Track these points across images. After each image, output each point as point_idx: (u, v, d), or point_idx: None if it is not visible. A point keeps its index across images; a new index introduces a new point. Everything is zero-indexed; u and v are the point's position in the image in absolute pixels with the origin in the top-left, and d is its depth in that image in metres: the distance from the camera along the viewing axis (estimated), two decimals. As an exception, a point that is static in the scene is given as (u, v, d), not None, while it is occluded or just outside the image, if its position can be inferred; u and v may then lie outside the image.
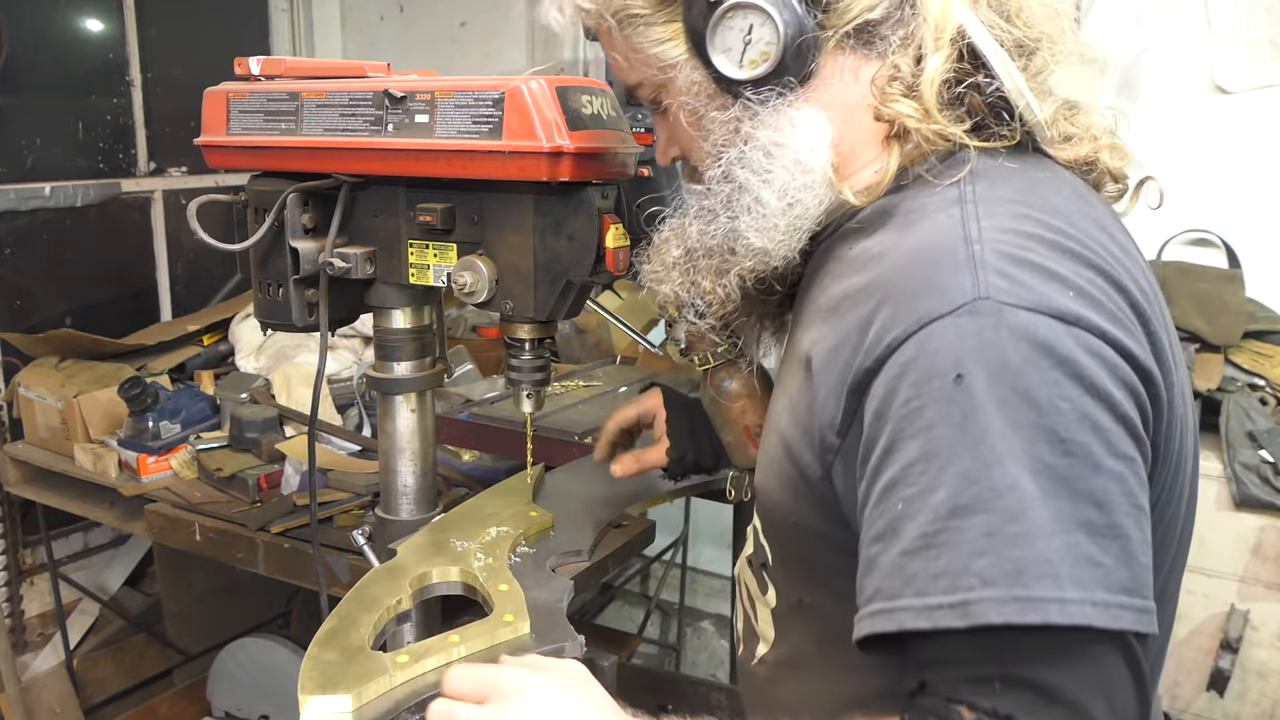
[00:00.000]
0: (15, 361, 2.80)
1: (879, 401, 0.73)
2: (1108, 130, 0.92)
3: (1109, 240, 0.80)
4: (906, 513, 0.70)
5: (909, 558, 0.70)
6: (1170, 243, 2.72)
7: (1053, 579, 0.66)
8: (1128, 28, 2.73)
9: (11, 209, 2.91)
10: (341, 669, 1.01)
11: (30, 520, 2.89)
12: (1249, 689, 2.17)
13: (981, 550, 0.67)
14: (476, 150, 1.13)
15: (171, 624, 2.97)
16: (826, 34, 0.86)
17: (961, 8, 0.83)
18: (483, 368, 2.66)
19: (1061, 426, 0.68)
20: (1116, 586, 0.67)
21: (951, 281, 0.72)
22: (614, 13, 0.91)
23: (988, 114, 0.84)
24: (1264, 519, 2.12)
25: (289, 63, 1.30)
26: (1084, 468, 0.68)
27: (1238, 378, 2.38)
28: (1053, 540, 0.66)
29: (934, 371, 0.70)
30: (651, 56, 0.92)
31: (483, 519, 1.37)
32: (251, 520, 1.98)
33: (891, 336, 0.73)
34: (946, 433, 0.69)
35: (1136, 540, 0.69)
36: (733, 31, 0.86)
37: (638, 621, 3.50)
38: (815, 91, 0.87)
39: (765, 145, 0.87)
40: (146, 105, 3.29)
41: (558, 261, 1.18)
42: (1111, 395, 0.70)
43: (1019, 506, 0.67)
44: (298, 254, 1.26)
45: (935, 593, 0.68)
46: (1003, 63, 0.83)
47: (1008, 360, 0.69)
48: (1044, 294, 0.71)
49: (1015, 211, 0.78)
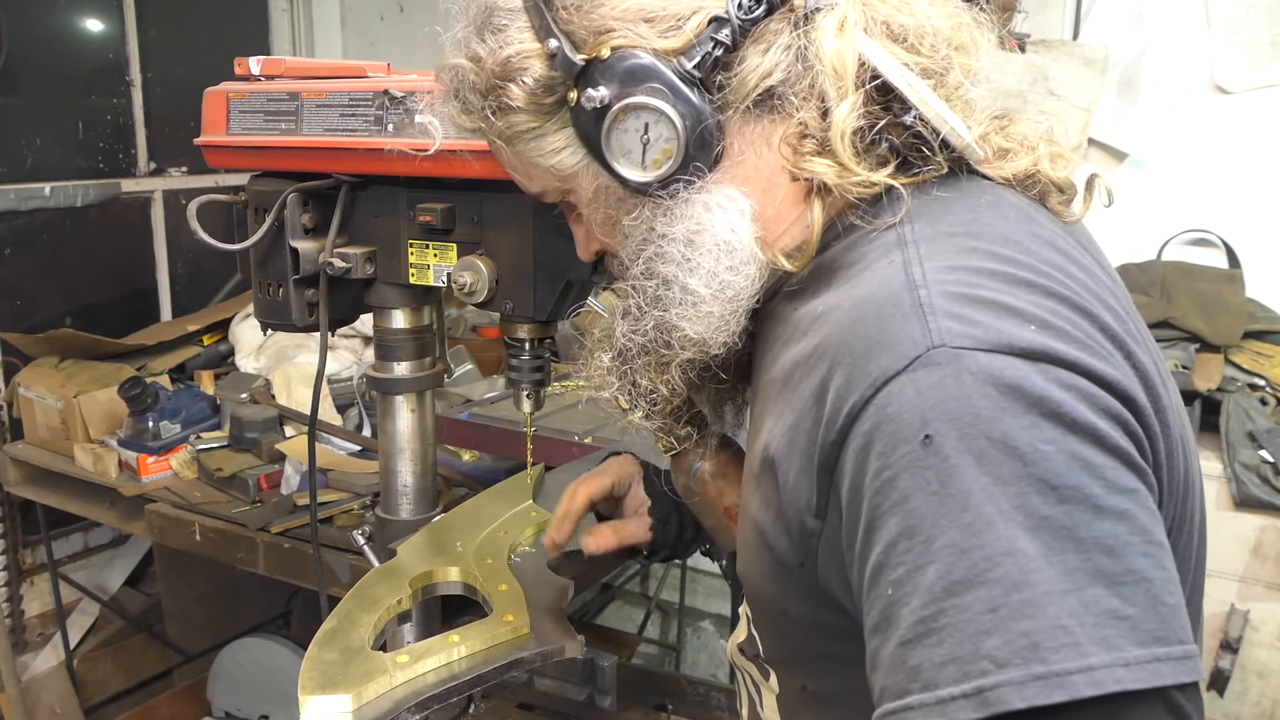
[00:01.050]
0: (15, 361, 2.81)
1: (851, 477, 0.67)
2: (1045, 138, 0.84)
3: (1065, 260, 0.74)
4: (898, 598, 0.63)
5: (909, 648, 0.63)
6: (1170, 243, 2.72)
7: (1073, 647, 0.58)
8: (1128, 28, 2.73)
9: (11, 209, 2.92)
10: (341, 669, 1.01)
11: (30, 520, 2.89)
12: (1249, 689, 2.17)
13: (988, 629, 0.60)
14: (476, 150, 1.13)
15: (171, 624, 2.97)
16: (728, 113, 0.80)
17: (862, 42, 0.77)
18: (483, 368, 2.66)
19: (1050, 473, 0.61)
20: (1148, 638, 0.59)
21: (901, 334, 0.66)
22: (498, 133, 0.87)
23: (911, 148, 0.78)
24: (1264, 519, 2.12)
25: (289, 63, 1.30)
26: (1084, 513, 0.61)
27: (1238, 378, 2.38)
28: (1066, 601, 0.59)
29: (900, 436, 0.64)
30: (549, 169, 0.87)
31: (483, 519, 1.37)
32: (251, 520, 1.98)
33: (849, 405, 0.67)
34: (925, 502, 0.63)
35: (1159, 580, 0.61)
36: (628, 134, 0.81)
37: (638, 621, 3.50)
38: (728, 170, 0.82)
39: (684, 236, 0.81)
40: (146, 105, 3.29)
41: (558, 261, 1.18)
42: (1096, 428, 0.63)
43: (1020, 572, 0.60)
44: (298, 254, 1.26)
45: (945, 683, 0.60)
46: (915, 90, 0.76)
47: (977, 410, 0.62)
48: (1002, 331, 0.65)
49: (960, 246, 0.72)
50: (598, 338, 0.93)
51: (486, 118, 0.85)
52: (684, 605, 3.51)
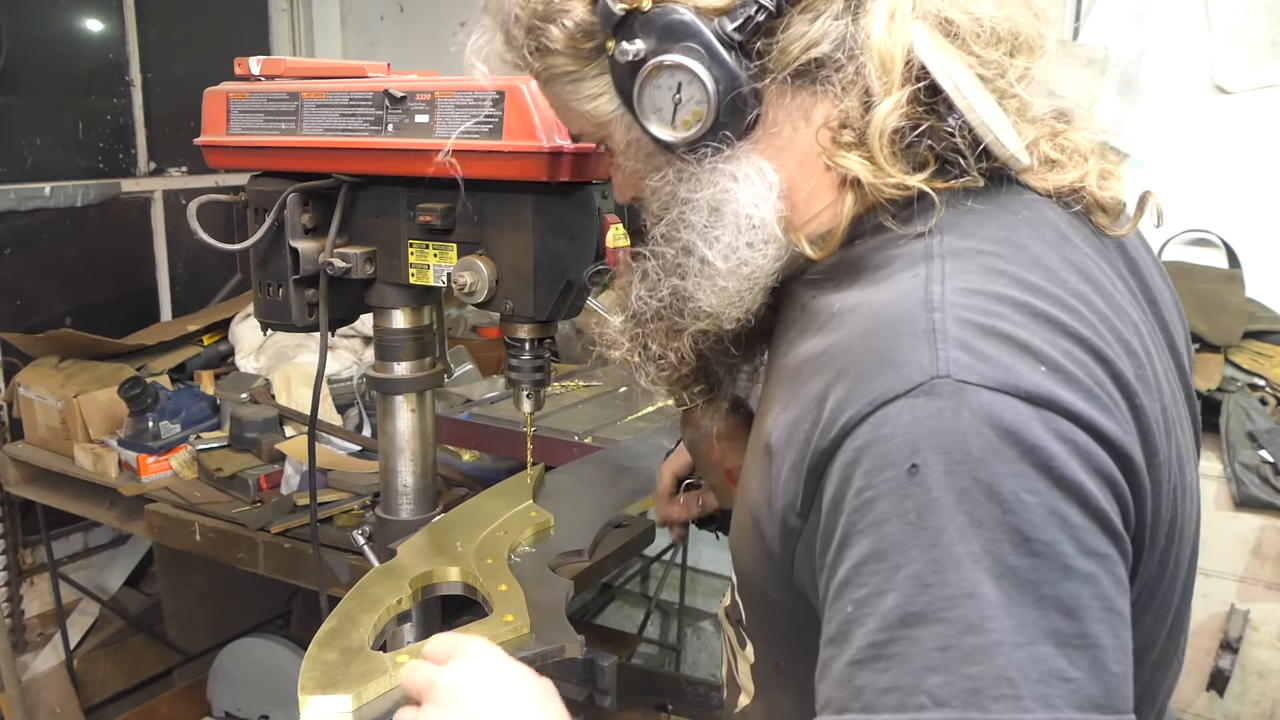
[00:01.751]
0: (15, 361, 2.81)
1: (834, 488, 0.67)
2: (1098, 151, 0.81)
3: (1093, 292, 0.72)
4: (856, 617, 0.64)
5: (856, 668, 0.64)
6: (1170, 243, 2.72)
7: (1014, 699, 0.59)
8: (1128, 28, 2.73)
9: (11, 209, 2.92)
10: (342, 669, 1.01)
11: (30, 520, 2.89)
12: (1249, 689, 2.17)
13: (934, 666, 0.61)
14: (476, 150, 1.13)
15: (171, 624, 2.97)
16: (766, 82, 0.78)
17: (916, 32, 0.74)
18: (483, 368, 2.66)
19: (1027, 525, 0.61)
20: (1088, 703, 0.60)
21: (909, 356, 0.65)
22: (538, 72, 0.86)
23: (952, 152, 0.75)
24: (1264, 519, 2.12)
25: (289, 63, 1.30)
26: (1051, 570, 0.61)
27: (1238, 378, 2.38)
28: (1015, 655, 0.60)
29: (887, 460, 0.64)
30: (585, 113, 0.86)
31: (483, 519, 1.37)
32: (251, 520, 1.98)
33: (846, 417, 0.67)
34: (899, 529, 0.63)
35: (1110, 649, 0.62)
36: (661, 91, 0.79)
37: (638, 621, 3.50)
38: (761, 141, 0.80)
39: (707, 203, 0.80)
40: (146, 105, 3.29)
41: (558, 261, 1.18)
42: (1083, 487, 0.63)
43: (977, 616, 0.60)
44: (298, 254, 1.26)
45: (883, 709, 0.62)
46: (964, 96, 0.73)
47: (968, 449, 0.62)
48: (1011, 370, 0.64)
49: (988, 267, 0.70)
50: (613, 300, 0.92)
51: (525, 56, 0.84)
52: (684, 605, 3.51)
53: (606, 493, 1.56)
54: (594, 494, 1.55)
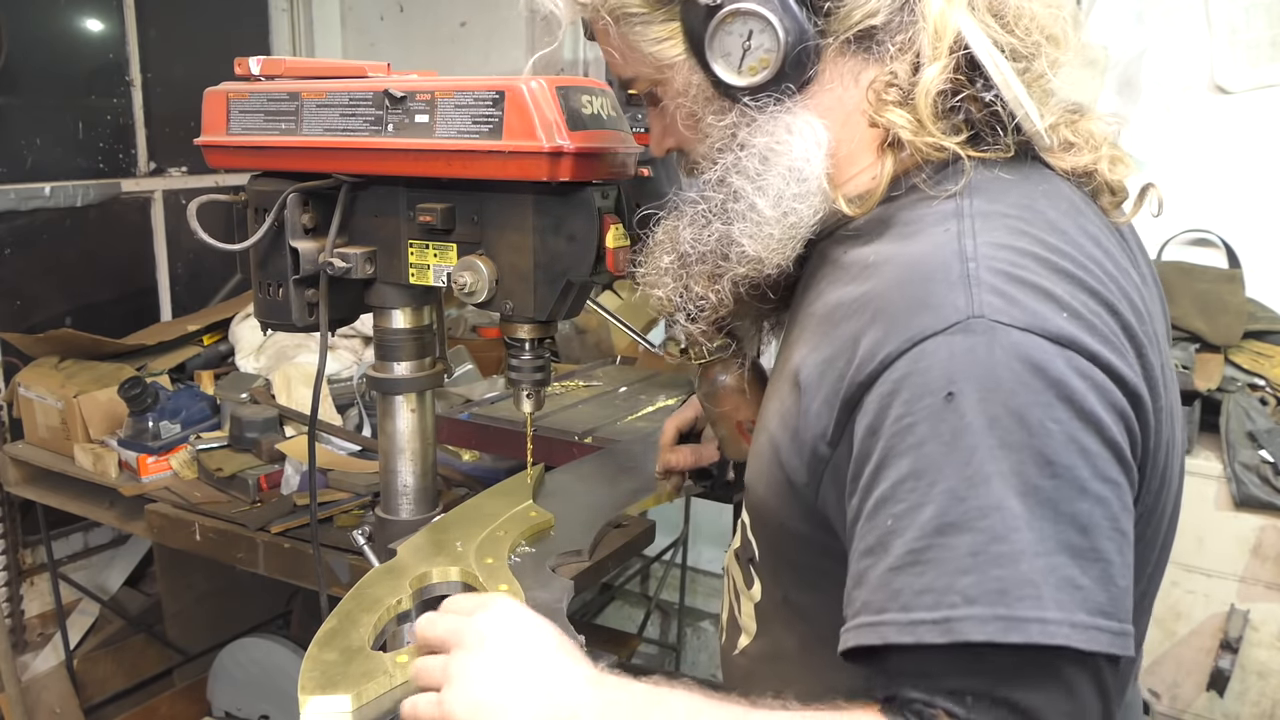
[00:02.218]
0: (15, 361, 2.80)
1: (871, 417, 0.73)
2: (1109, 140, 0.89)
3: (1104, 257, 0.80)
4: (895, 529, 0.71)
5: (896, 573, 0.71)
6: (1170, 243, 2.72)
7: (1035, 599, 0.67)
8: (1128, 28, 2.73)
9: (11, 209, 2.91)
10: (342, 669, 1.01)
11: (30, 520, 2.89)
12: (1249, 689, 2.17)
13: (966, 569, 0.68)
14: (476, 150, 1.13)
15: (171, 624, 2.97)
16: (827, 40, 0.84)
17: (962, 12, 0.81)
18: (483, 368, 2.66)
19: (1050, 449, 0.68)
20: (1095, 609, 0.68)
21: (946, 299, 0.72)
22: (610, 10, 0.89)
23: (985, 124, 0.83)
24: (1264, 519, 2.12)
25: (289, 63, 1.30)
26: (1070, 490, 0.69)
27: (1238, 378, 2.38)
28: (1036, 562, 0.67)
29: (926, 389, 0.70)
30: (648, 55, 0.90)
31: (483, 519, 1.37)
32: (251, 520, 1.98)
33: (885, 353, 0.73)
34: (936, 450, 0.70)
35: (1117, 564, 0.70)
36: (732, 37, 0.85)
37: (638, 621, 3.50)
38: (814, 97, 0.86)
39: (761, 151, 0.85)
40: (146, 105, 3.29)
41: (558, 261, 1.18)
42: (1101, 419, 0.70)
43: (1004, 527, 0.68)
44: (298, 254, 1.26)
45: (919, 609, 0.69)
46: (1001, 71, 0.81)
47: (1000, 379, 0.69)
48: (1039, 314, 0.71)
49: (1012, 227, 0.77)
50: (659, 239, 0.97)
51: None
52: (684, 605, 3.51)
53: (606, 492, 1.55)
54: (594, 494, 1.55)
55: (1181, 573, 2.21)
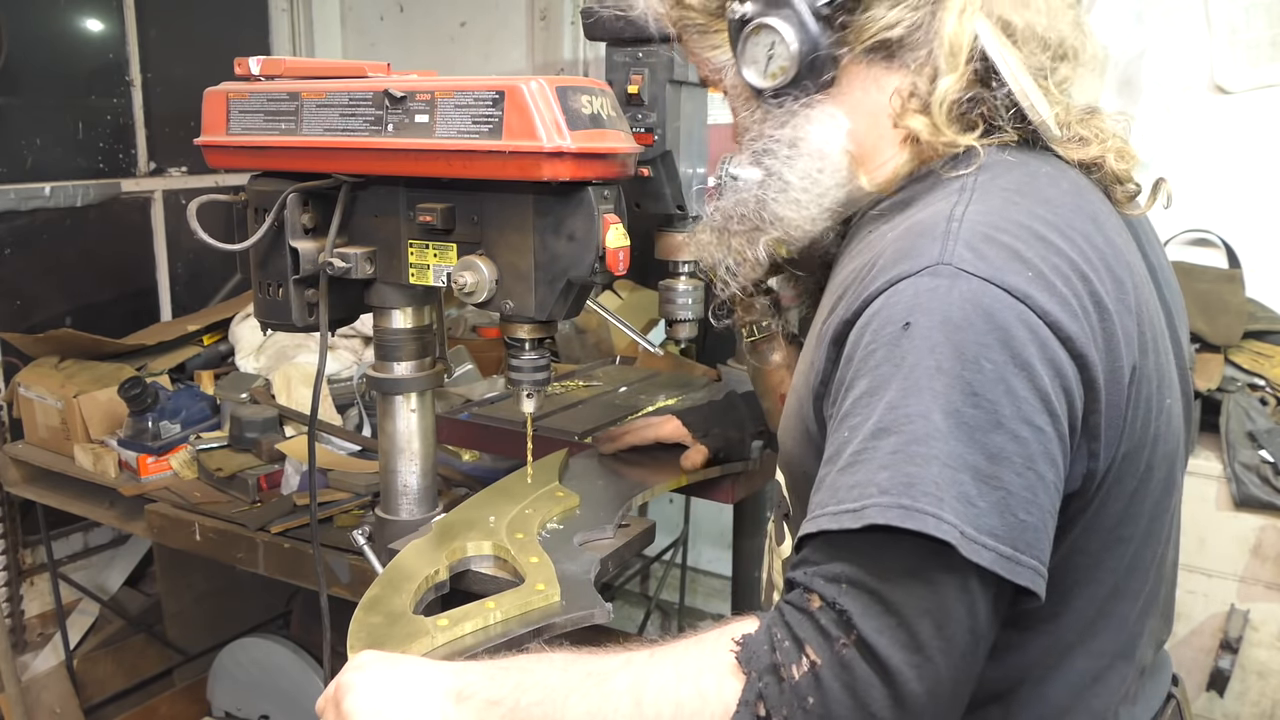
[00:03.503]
0: (15, 361, 2.80)
1: (849, 347, 0.83)
2: (1117, 135, 0.97)
3: (1094, 231, 0.87)
4: (848, 439, 0.80)
5: (840, 474, 0.79)
6: (1170, 243, 2.72)
7: (936, 500, 0.74)
8: (1128, 28, 2.73)
9: (11, 209, 2.91)
10: (386, 630, 1.09)
11: (30, 520, 2.89)
12: (1249, 689, 2.17)
13: (886, 464, 0.76)
14: (476, 150, 1.13)
15: (171, 624, 2.97)
16: (844, 50, 0.96)
17: (980, 21, 0.91)
18: (483, 368, 2.66)
19: (978, 383, 0.76)
20: (984, 529, 0.74)
21: (925, 250, 0.82)
22: (675, 22, 1.08)
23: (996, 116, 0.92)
24: (1264, 519, 2.12)
25: (289, 63, 1.30)
26: (987, 421, 0.76)
27: (1238, 378, 2.38)
28: (944, 472, 0.75)
29: (890, 320, 0.80)
30: (706, 59, 1.07)
31: (512, 498, 1.43)
32: (251, 520, 1.98)
33: (868, 294, 0.83)
34: (887, 370, 0.78)
35: (1020, 498, 0.76)
36: (758, 47, 0.99)
37: (638, 621, 3.50)
38: (836, 97, 0.98)
39: (787, 141, 0.99)
40: (146, 105, 3.29)
41: (558, 261, 1.18)
42: (1034, 368, 0.77)
43: (925, 433, 0.75)
44: (298, 254, 1.26)
45: (847, 500, 0.77)
46: (1009, 65, 0.90)
47: (950, 316, 0.77)
48: (1001, 269, 0.79)
49: (1007, 198, 0.86)
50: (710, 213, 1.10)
51: (673, 6, 1.07)
52: (684, 605, 3.51)
53: (629, 475, 1.62)
54: (617, 476, 1.62)
55: (1182, 573, 2.20)
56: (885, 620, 0.74)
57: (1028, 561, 0.76)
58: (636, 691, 0.81)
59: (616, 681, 0.83)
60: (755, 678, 0.78)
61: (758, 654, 0.79)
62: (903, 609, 0.74)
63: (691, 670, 0.81)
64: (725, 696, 0.78)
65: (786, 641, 0.77)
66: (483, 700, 0.85)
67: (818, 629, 0.76)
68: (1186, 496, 1.04)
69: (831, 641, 0.75)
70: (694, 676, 0.81)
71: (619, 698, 0.81)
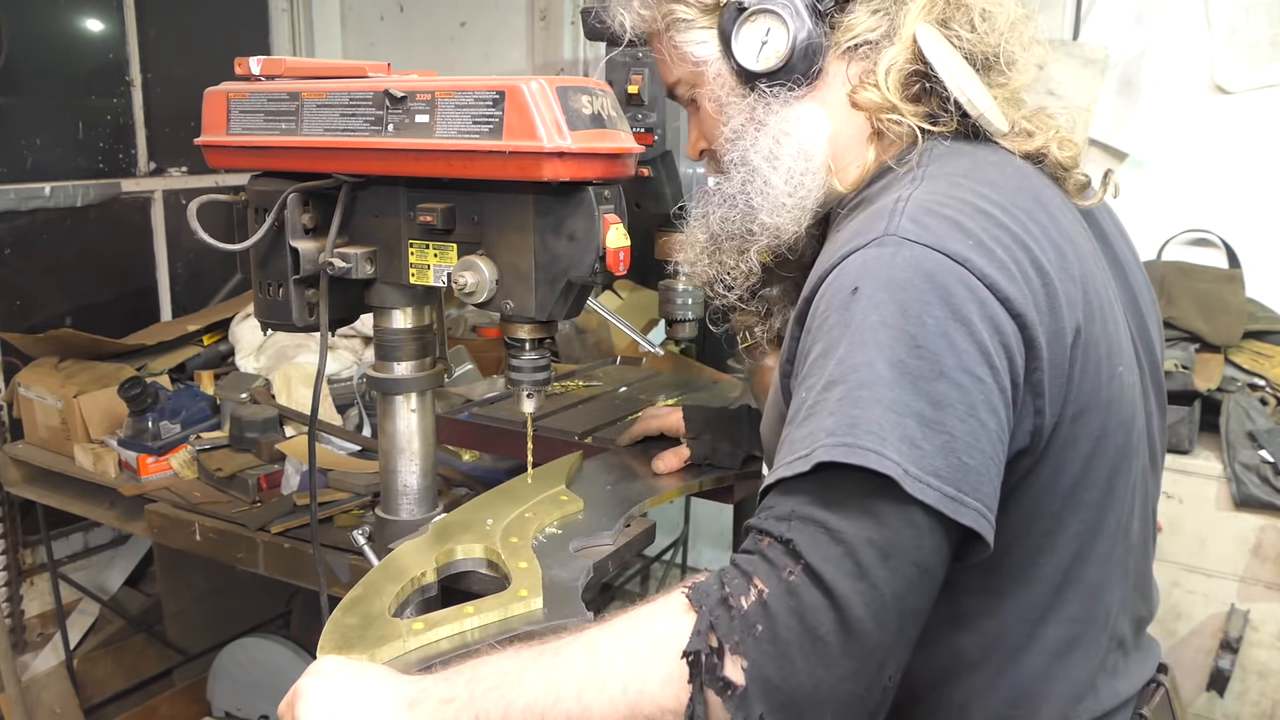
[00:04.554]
0: (15, 361, 2.80)
1: (809, 319, 0.89)
2: (1059, 127, 1.05)
3: (1037, 208, 0.94)
4: (805, 398, 0.84)
5: (796, 429, 0.83)
6: (1170, 243, 2.72)
7: (879, 438, 0.78)
8: (1128, 28, 2.73)
9: (11, 209, 2.91)
10: (359, 633, 1.07)
11: (30, 520, 2.88)
12: (1249, 689, 2.17)
13: (833, 411, 0.80)
14: (476, 150, 1.13)
15: (171, 624, 2.97)
16: (831, 43, 1.04)
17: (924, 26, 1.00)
18: (483, 368, 2.66)
19: (921, 335, 0.81)
20: (929, 469, 0.78)
21: (874, 227, 0.88)
22: (664, 15, 1.10)
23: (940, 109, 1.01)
24: (1264, 519, 2.12)
25: (289, 63, 1.30)
26: (930, 370, 0.80)
27: (1238, 378, 2.38)
28: (888, 415, 0.79)
29: (840, 288, 0.86)
30: (688, 53, 1.10)
31: (515, 501, 1.41)
32: (251, 520, 1.98)
33: (822, 270, 0.90)
34: (838, 332, 0.84)
35: (964, 442, 0.80)
36: (754, 32, 1.05)
37: (638, 621, 3.49)
38: (819, 91, 1.05)
39: (775, 133, 1.04)
40: (146, 105, 3.29)
41: (558, 261, 1.18)
42: (973, 324, 0.82)
43: (869, 380, 0.80)
44: (298, 254, 1.26)
45: (799, 449, 0.81)
46: (943, 62, 0.99)
47: (894, 278, 0.83)
48: (942, 237, 0.85)
49: (953, 181, 0.93)
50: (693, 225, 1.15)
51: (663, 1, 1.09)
52: (684, 605, 3.51)
53: (639, 479, 1.60)
54: (626, 481, 1.60)
55: (1182, 573, 2.21)
56: (832, 549, 0.77)
57: (971, 503, 0.79)
58: (590, 652, 0.84)
59: (570, 651, 0.85)
60: (707, 611, 0.80)
61: (709, 592, 0.82)
62: (848, 538, 0.77)
63: (643, 622, 0.84)
64: (678, 634, 0.80)
65: (736, 578, 0.80)
66: (435, 701, 0.87)
67: (766, 561, 0.79)
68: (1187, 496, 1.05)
69: (779, 571, 0.78)
70: (646, 626, 0.83)
71: (573, 663, 0.83)
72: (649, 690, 0.80)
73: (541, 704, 0.82)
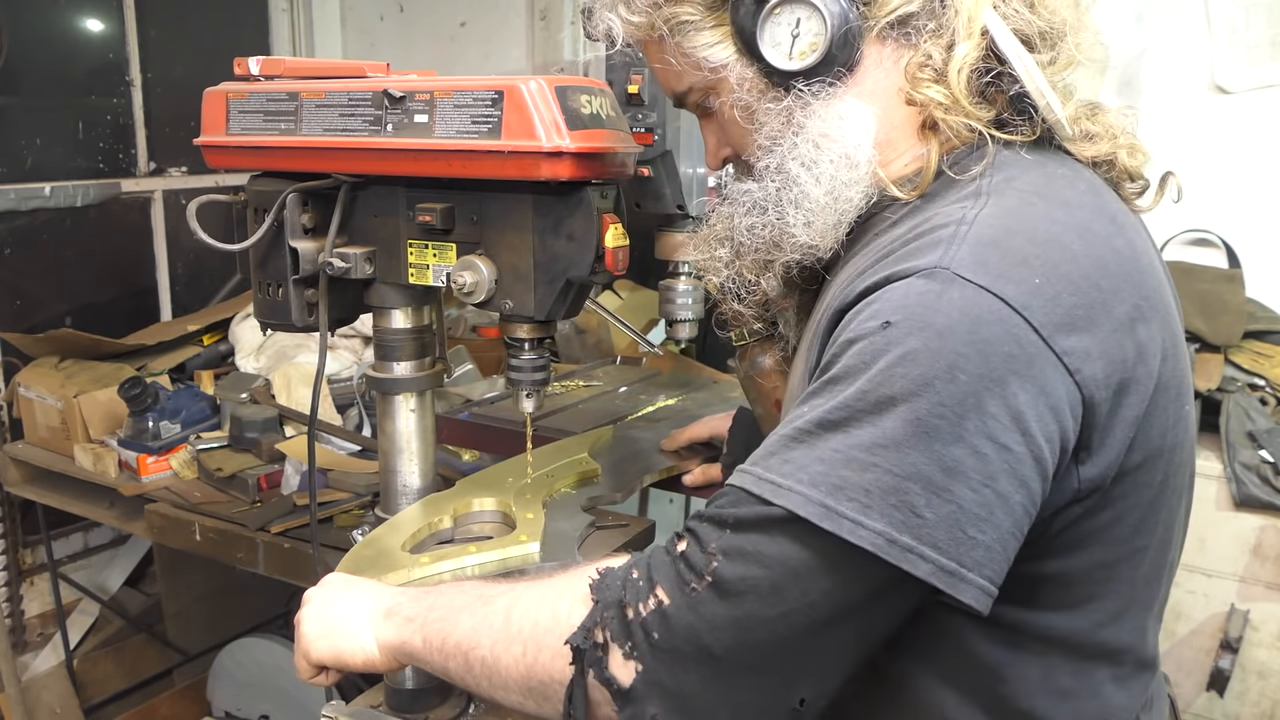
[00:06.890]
0: (15, 361, 2.80)
1: (836, 332, 0.82)
2: (1126, 130, 0.94)
3: (1116, 234, 0.83)
4: (802, 413, 0.79)
5: (781, 441, 0.78)
6: (1170, 243, 2.72)
7: (864, 506, 0.72)
8: (1128, 28, 2.73)
9: (11, 209, 2.91)
10: (371, 561, 1.22)
11: (30, 520, 2.89)
12: (1249, 689, 2.17)
13: (824, 459, 0.74)
14: (475, 150, 1.13)
15: (171, 624, 2.97)
16: (868, 24, 0.90)
17: (988, 8, 0.87)
18: (483, 368, 2.66)
19: (947, 393, 0.72)
20: (927, 540, 0.72)
21: (929, 253, 0.78)
22: (665, 20, 0.95)
23: (1011, 110, 0.88)
24: (1264, 519, 2.12)
25: (289, 63, 1.30)
26: (949, 433, 0.72)
27: (1238, 378, 2.38)
28: (886, 479, 0.72)
29: (875, 314, 0.77)
30: (701, 60, 0.95)
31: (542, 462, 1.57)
32: (251, 520, 1.98)
33: (865, 286, 0.80)
34: (855, 363, 0.76)
35: (974, 515, 0.72)
36: (781, 26, 0.91)
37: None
38: (859, 82, 0.91)
39: (814, 137, 0.90)
40: (146, 105, 3.29)
41: (557, 261, 1.18)
42: (1007, 387, 0.73)
43: (872, 439, 0.73)
44: (297, 254, 1.26)
45: (773, 472, 0.76)
46: (1023, 61, 0.86)
47: (932, 321, 0.74)
48: (1001, 276, 0.75)
49: (1026, 199, 0.82)
50: (715, 228, 1.02)
51: (658, 6, 0.94)
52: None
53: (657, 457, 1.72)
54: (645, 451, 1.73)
55: (1182, 573, 2.20)
56: (759, 581, 0.75)
57: (974, 580, 0.73)
58: (509, 610, 0.90)
59: (498, 602, 0.92)
60: (599, 609, 0.82)
61: (610, 587, 0.83)
62: (784, 584, 0.75)
63: (554, 594, 0.88)
64: (572, 620, 0.84)
65: (641, 582, 0.81)
66: (402, 618, 1.00)
67: (677, 572, 0.79)
68: (1186, 496, 1.04)
69: (684, 585, 0.78)
70: (554, 600, 0.87)
71: (494, 615, 0.91)
72: (542, 660, 0.86)
73: (466, 645, 0.91)
